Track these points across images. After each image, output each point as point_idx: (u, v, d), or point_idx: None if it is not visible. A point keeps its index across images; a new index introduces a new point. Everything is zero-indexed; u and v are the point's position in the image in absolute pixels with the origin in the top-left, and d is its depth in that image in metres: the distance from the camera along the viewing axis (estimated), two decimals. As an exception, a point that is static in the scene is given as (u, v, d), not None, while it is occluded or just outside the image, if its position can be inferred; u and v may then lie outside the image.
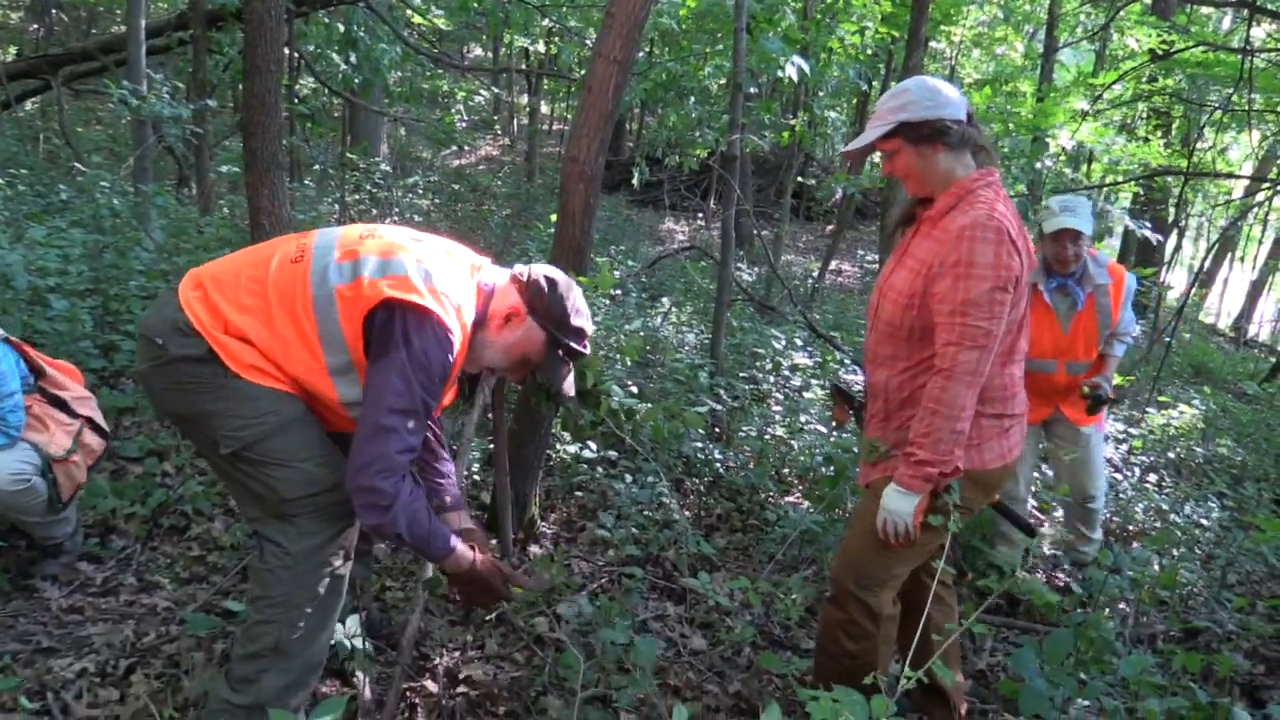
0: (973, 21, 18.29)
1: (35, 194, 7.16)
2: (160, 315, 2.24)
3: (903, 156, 2.50)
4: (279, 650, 2.26)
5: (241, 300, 2.22)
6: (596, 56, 3.64)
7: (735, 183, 5.38)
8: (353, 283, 2.18)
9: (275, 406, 2.22)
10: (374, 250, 2.24)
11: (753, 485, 4.71)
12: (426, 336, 2.15)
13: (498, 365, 2.47)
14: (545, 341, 2.42)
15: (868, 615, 2.59)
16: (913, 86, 2.48)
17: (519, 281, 2.43)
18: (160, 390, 2.26)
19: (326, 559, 2.29)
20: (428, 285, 2.19)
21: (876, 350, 2.62)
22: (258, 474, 2.23)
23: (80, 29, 17.44)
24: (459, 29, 15.26)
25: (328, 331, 2.20)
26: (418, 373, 2.14)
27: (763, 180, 17.53)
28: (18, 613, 2.98)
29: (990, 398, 2.47)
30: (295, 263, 2.25)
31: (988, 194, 2.43)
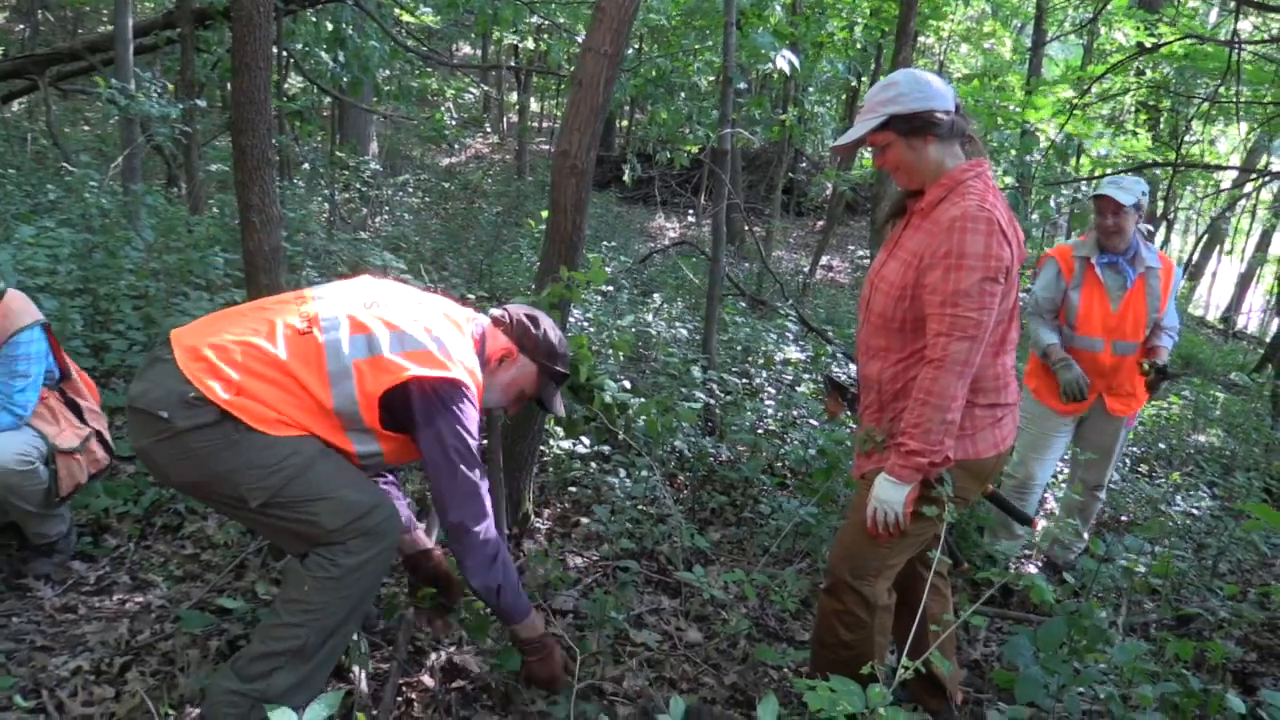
0: (961, 16, 18.34)
1: (23, 194, 7.12)
2: (161, 388, 2.22)
3: (894, 149, 2.50)
4: (300, 653, 2.28)
5: (253, 369, 2.26)
6: (586, 50, 3.64)
7: (726, 177, 5.39)
8: (370, 358, 2.30)
9: (294, 448, 2.26)
10: (383, 325, 2.34)
11: (746, 479, 4.72)
12: (460, 402, 2.34)
13: (497, 404, 2.69)
14: (538, 373, 2.66)
15: (863, 605, 2.59)
16: (901, 79, 2.48)
17: (502, 324, 2.64)
18: (167, 463, 2.27)
19: (371, 574, 2.34)
20: (446, 355, 2.35)
21: (869, 342, 2.63)
22: (295, 514, 2.27)
23: (66, 29, 17.36)
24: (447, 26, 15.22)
25: (342, 403, 2.30)
26: (464, 432, 2.34)
27: (753, 176, 17.56)
28: (11, 612, 2.97)
29: (983, 388, 2.48)
30: (304, 335, 2.31)
31: (978, 185, 2.44)
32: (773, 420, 5.41)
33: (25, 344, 3.06)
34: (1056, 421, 4.16)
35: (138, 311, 4.89)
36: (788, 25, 7.05)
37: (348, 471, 2.35)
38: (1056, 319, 4.12)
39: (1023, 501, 4.23)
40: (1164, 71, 10.56)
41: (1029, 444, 4.23)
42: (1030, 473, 4.21)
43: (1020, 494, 4.22)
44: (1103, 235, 3.98)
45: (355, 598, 2.33)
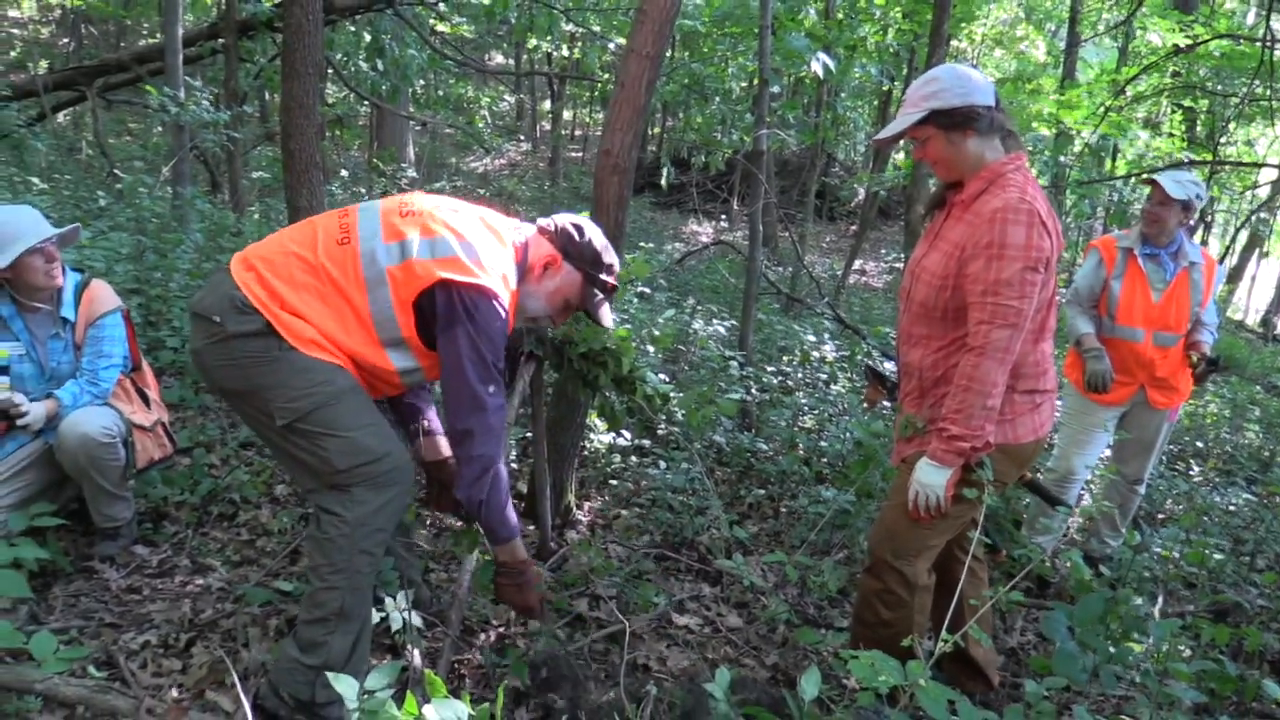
0: (994, 20, 18.30)
1: (76, 200, 7.33)
2: (215, 294, 2.36)
3: (934, 143, 2.57)
4: (343, 613, 2.39)
5: (296, 279, 2.35)
6: (629, 52, 3.73)
7: (763, 178, 5.46)
8: (403, 264, 2.33)
9: (328, 377, 2.34)
10: (417, 229, 2.37)
11: (783, 473, 4.79)
12: (484, 310, 2.33)
13: (541, 313, 2.65)
14: (583, 282, 2.63)
15: (903, 584, 2.66)
16: (943, 74, 2.55)
17: (548, 232, 2.61)
18: (215, 366, 2.38)
19: (382, 525, 2.41)
20: (476, 262, 2.35)
21: (910, 331, 2.69)
22: (311, 446, 2.35)
23: (109, 42, 17.74)
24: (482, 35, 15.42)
25: (379, 310, 2.35)
26: (484, 343, 2.33)
27: (786, 181, 17.60)
28: (80, 592, 3.11)
29: (1023, 374, 2.54)
30: (342, 244, 2.38)
31: (1018, 177, 2.50)
32: (809, 417, 5.47)
33: (110, 327, 3.33)
34: (1099, 415, 4.19)
35: (189, 311, 5.03)
36: (821, 29, 7.11)
37: (370, 414, 2.41)
38: (1096, 309, 4.16)
39: (1063, 495, 4.26)
40: (1200, 73, 10.50)
41: (1070, 438, 4.27)
42: (1071, 467, 4.24)
43: (1061, 487, 4.25)
44: (1146, 223, 4.03)
45: (373, 548, 2.41)
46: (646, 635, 3.19)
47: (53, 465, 3.28)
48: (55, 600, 3.04)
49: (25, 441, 3.25)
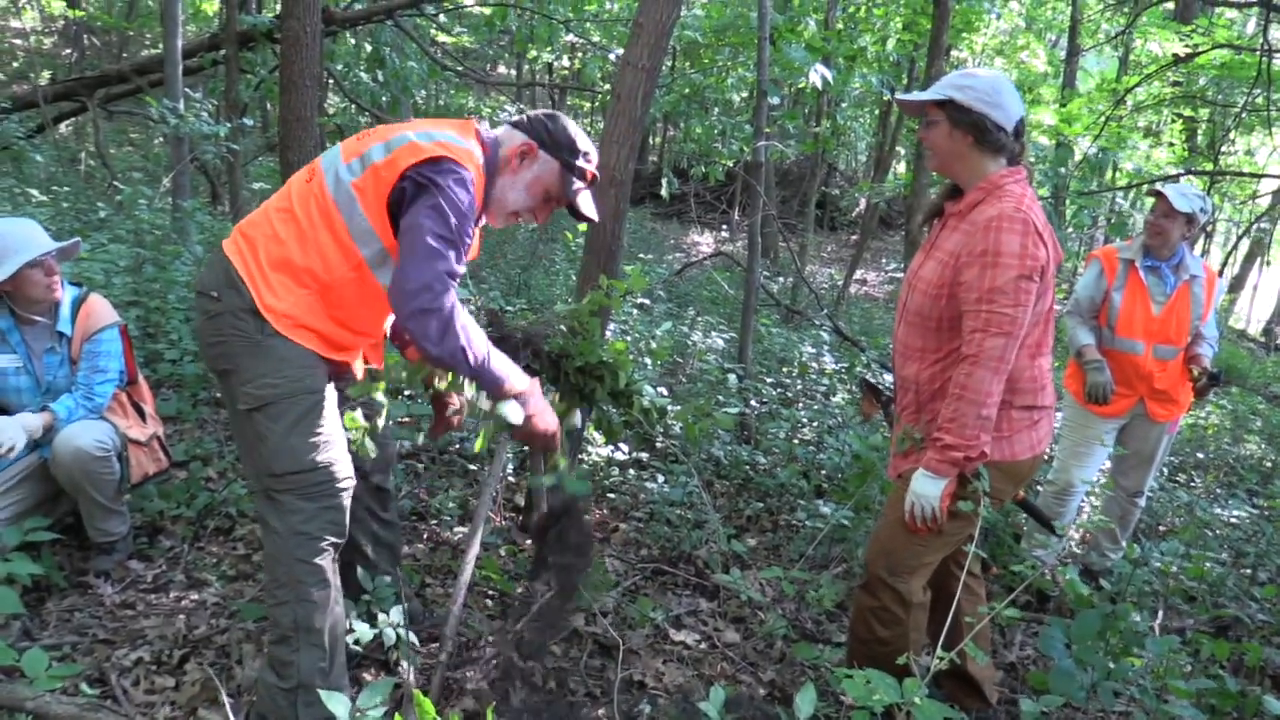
0: (995, 30, 18.32)
1: (75, 213, 7.34)
2: (213, 271, 2.39)
3: (938, 130, 2.57)
4: (301, 626, 2.38)
5: (276, 230, 2.36)
6: (625, 65, 3.74)
7: (762, 189, 5.46)
8: (365, 172, 2.33)
9: (301, 374, 2.35)
10: (375, 141, 2.37)
11: (782, 486, 4.77)
12: (447, 178, 2.27)
13: (522, 206, 2.57)
14: (560, 170, 2.54)
15: (899, 602, 2.64)
16: (984, 76, 2.53)
17: (521, 124, 2.57)
18: (208, 344, 2.39)
19: (315, 533, 2.39)
20: (435, 143, 2.32)
21: (907, 343, 2.68)
22: (258, 439, 2.35)
23: (111, 53, 17.77)
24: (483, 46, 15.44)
25: (356, 226, 2.34)
26: (449, 207, 2.26)
27: (786, 191, 17.62)
28: (74, 607, 3.09)
29: (1021, 389, 2.53)
30: (310, 181, 2.40)
31: (1015, 189, 2.50)
32: (809, 429, 5.46)
33: (106, 342, 3.33)
34: (1099, 428, 4.18)
35: (188, 324, 5.03)
36: (820, 40, 7.12)
37: (324, 426, 2.39)
38: (1097, 320, 4.15)
39: (1062, 508, 4.25)
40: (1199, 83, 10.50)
41: (1070, 450, 4.25)
42: (1070, 479, 4.22)
43: (1060, 500, 4.24)
44: (1149, 235, 4.02)
45: (312, 558, 2.38)
46: (642, 651, 3.18)
47: (48, 479, 3.27)
48: (49, 615, 3.02)
49: (22, 455, 3.24)
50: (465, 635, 3.11)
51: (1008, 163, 2.57)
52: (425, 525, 4.01)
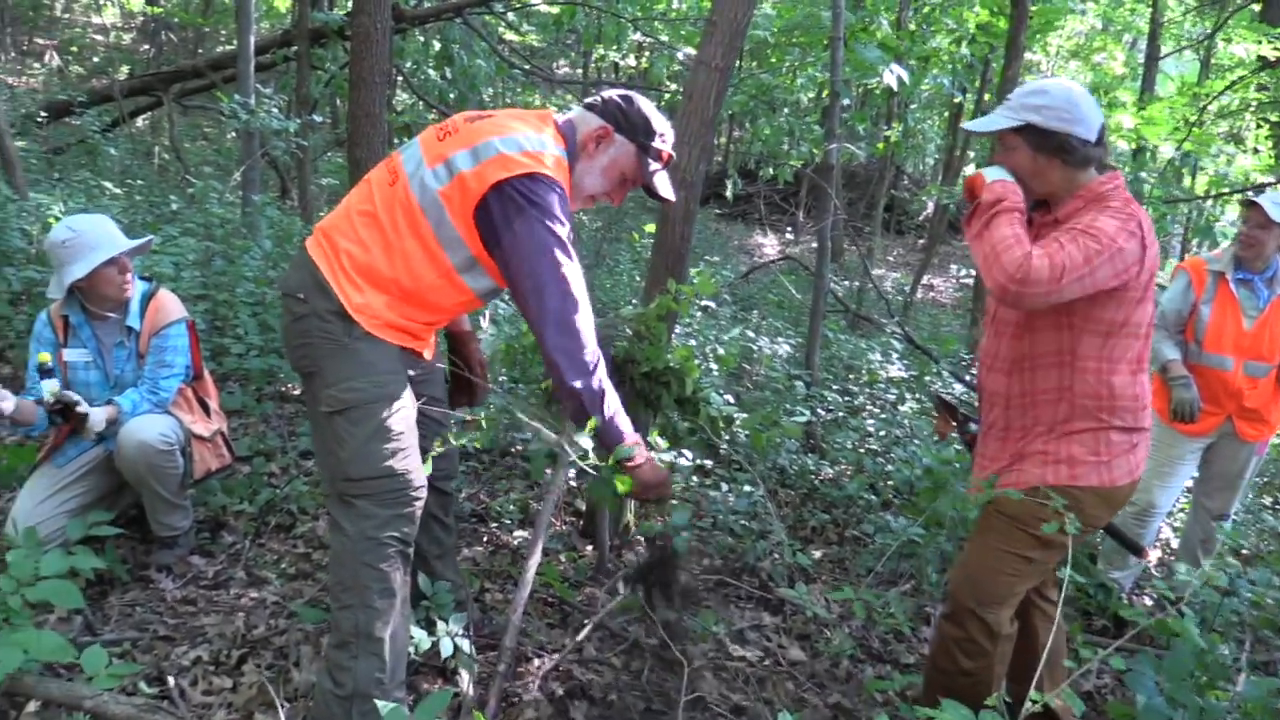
0: (1070, 31, 17.89)
1: (149, 205, 7.45)
2: (299, 274, 2.36)
3: (1019, 154, 2.43)
4: (361, 633, 2.33)
5: (359, 235, 2.32)
6: (698, 64, 3.65)
7: (833, 192, 5.33)
8: (452, 181, 2.27)
9: (385, 380, 2.32)
10: (459, 146, 2.30)
11: (849, 497, 4.65)
12: (541, 192, 2.24)
13: (599, 189, 2.53)
14: (637, 153, 2.50)
15: (986, 634, 2.52)
16: (1055, 90, 2.38)
17: (595, 107, 2.51)
18: (294, 346, 2.37)
19: (386, 540, 2.35)
20: (522, 153, 2.26)
21: (995, 355, 2.55)
22: (337, 443, 2.31)
23: (188, 48, 18.11)
24: (549, 45, 15.45)
25: (444, 234, 2.29)
26: (552, 223, 2.24)
27: (853, 194, 17.37)
28: (135, 601, 3.09)
29: (1121, 408, 2.39)
30: (393, 184, 2.35)
31: (1118, 195, 2.36)
32: (876, 439, 5.32)
33: (173, 337, 3.33)
34: (1184, 446, 3.99)
35: (255, 318, 5.05)
36: (894, 40, 6.95)
37: (404, 433, 2.36)
38: (1183, 334, 3.96)
39: (1142, 529, 4.07)
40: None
41: (1153, 469, 4.06)
42: (1152, 500, 4.04)
43: (1140, 521, 4.06)
44: (1242, 246, 3.82)
45: (378, 565, 2.34)
46: (704, 667, 3.08)
47: (112, 472, 3.28)
48: (111, 610, 3.03)
49: (86, 448, 3.26)
50: (525, 645, 3.05)
51: (1097, 170, 2.43)
52: (485, 528, 3.97)
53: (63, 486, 3.20)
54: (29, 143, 9.35)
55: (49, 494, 3.17)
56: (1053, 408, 2.44)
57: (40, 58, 16.94)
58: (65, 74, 16.10)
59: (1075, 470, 2.41)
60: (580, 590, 3.52)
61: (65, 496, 3.19)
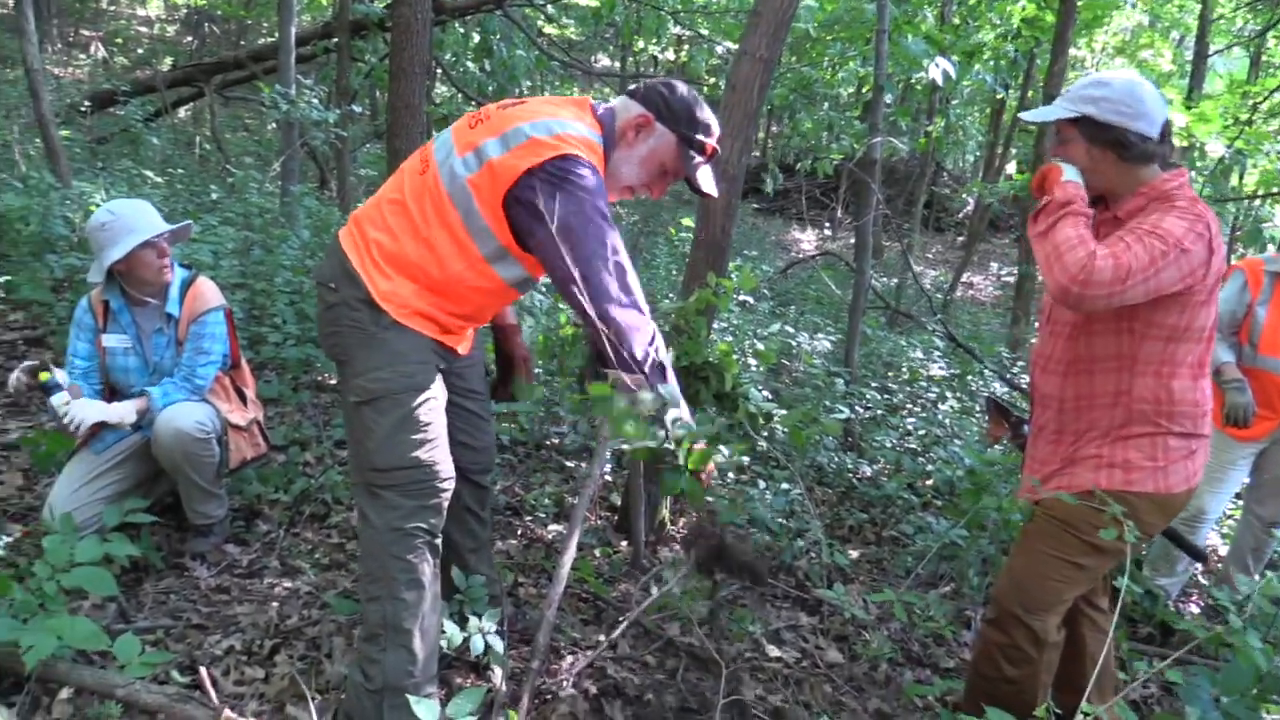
0: (1116, 28, 17.60)
1: (190, 194, 7.49)
2: (330, 262, 2.34)
3: (1074, 147, 2.35)
4: (390, 625, 2.30)
5: (390, 224, 2.28)
6: (741, 55, 3.59)
7: (875, 187, 5.25)
8: (481, 169, 2.20)
9: (410, 370, 2.27)
10: (489, 134, 2.23)
11: (887, 497, 4.57)
12: (575, 169, 2.15)
13: (638, 181, 2.43)
14: (678, 144, 2.38)
15: (1032, 641, 2.44)
16: (1117, 83, 2.30)
17: (637, 94, 2.41)
18: (326, 334, 2.35)
19: (412, 531, 2.32)
20: (554, 136, 2.18)
21: (1050, 356, 2.47)
22: (364, 433, 2.29)
23: (230, 40, 18.28)
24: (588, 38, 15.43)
25: (472, 223, 2.23)
26: (587, 201, 2.14)
27: (892, 190, 17.19)
28: (169, 589, 3.08)
29: (1180, 414, 2.31)
30: (423, 173, 2.30)
31: (1184, 193, 2.27)
32: (915, 438, 5.23)
33: (212, 324, 3.32)
34: (1235, 451, 3.88)
35: (292, 307, 5.05)
36: (939, 34, 6.84)
37: (433, 424, 2.32)
38: (1237, 337, 3.85)
39: (1191, 535, 3.96)
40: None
41: (1205, 475, 3.95)
42: (1202, 506, 3.93)
43: (1190, 527, 3.95)
44: None
45: (406, 556, 2.31)
46: (741, 668, 3.03)
47: (149, 460, 3.28)
48: (145, 597, 3.02)
49: (124, 435, 3.26)
50: (559, 641, 3.01)
51: (1161, 167, 2.34)
52: (519, 521, 3.94)
53: (100, 473, 3.20)
54: (73, 132, 9.45)
55: (86, 480, 3.17)
56: (1109, 412, 2.36)
57: (86, 49, 17.16)
58: (110, 65, 16.29)
59: (1131, 475, 2.33)
60: (615, 586, 3.48)
61: (102, 483, 3.19)
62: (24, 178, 6.42)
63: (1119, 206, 2.34)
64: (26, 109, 9.11)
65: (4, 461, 3.73)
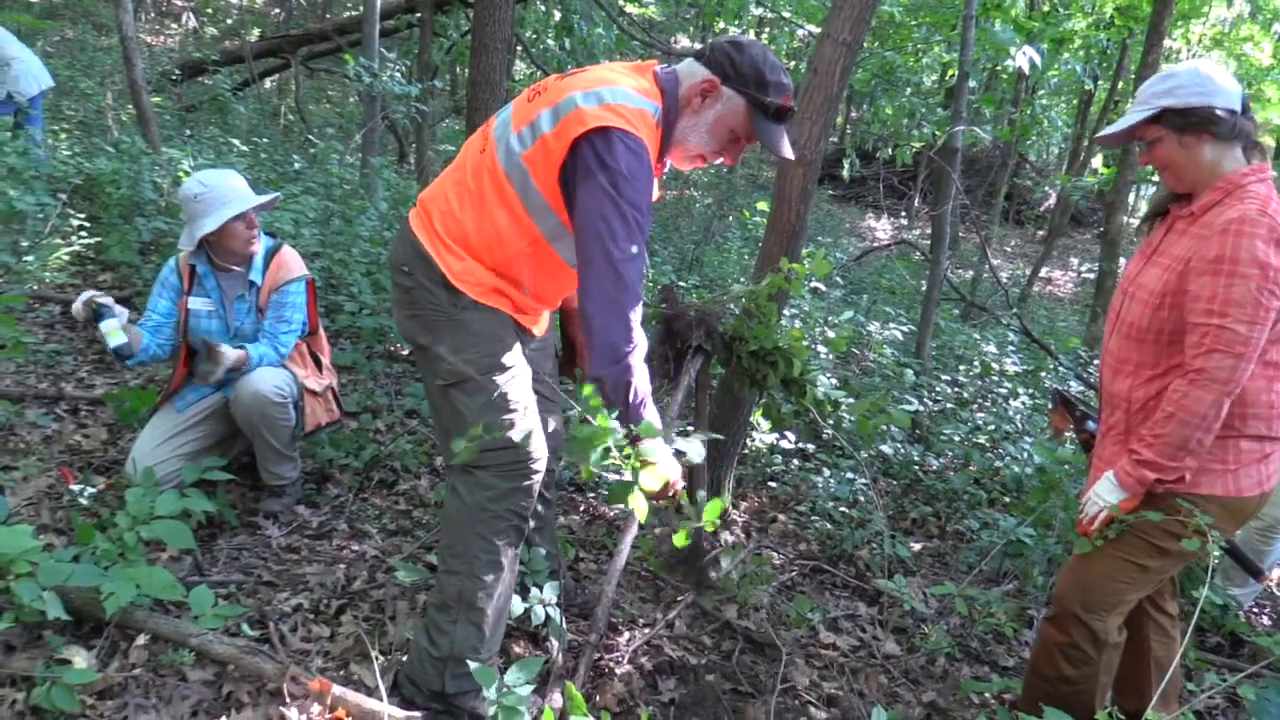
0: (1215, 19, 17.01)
1: (272, 163, 7.66)
2: (402, 245, 2.35)
3: (1164, 145, 2.30)
4: (464, 600, 2.33)
5: (451, 205, 2.27)
6: (825, 38, 3.55)
7: (955, 176, 5.16)
8: (535, 144, 2.16)
9: (498, 348, 2.28)
10: (544, 106, 2.18)
11: (953, 491, 4.52)
12: (617, 152, 2.07)
13: (708, 148, 2.35)
14: (747, 108, 2.28)
15: (1091, 641, 2.41)
16: (1182, 71, 2.27)
17: (704, 56, 2.31)
18: (405, 318, 2.36)
19: (501, 513, 2.33)
20: (601, 106, 2.11)
21: (1120, 356, 2.42)
22: (455, 415, 2.30)
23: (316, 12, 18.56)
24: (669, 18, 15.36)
25: (530, 200, 2.20)
26: (622, 189, 2.07)
27: (972, 180, 16.87)
28: (242, 546, 3.18)
29: (1253, 415, 2.25)
30: (483, 150, 2.28)
31: (1260, 189, 2.21)
32: (984, 433, 5.16)
33: (294, 294, 3.41)
34: None
35: (368, 277, 5.14)
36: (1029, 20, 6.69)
37: (522, 399, 2.33)
38: None
39: (1267, 546, 3.84)
40: None
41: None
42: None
43: (1266, 538, 3.83)
44: None
45: (492, 537, 2.32)
46: (796, 655, 3.03)
47: (227, 419, 3.38)
48: (219, 552, 3.12)
49: (205, 393, 3.37)
50: (616, 617, 3.04)
51: (1245, 153, 2.28)
52: (582, 497, 3.97)
53: (180, 430, 3.31)
54: (164, 99, 9.71)
55: (167, 437, 3.28)
56: None
57: (178, 19, 17.57)
58: (200, 34, 16.67)
59: (1198, 477, 2.28)
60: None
61: (182, 440, 3.30)
62: (116, 143, 6.63)
63: (1197, 202, 2.29)
64: (120, 75, 9.37)
65: (90, 416, 3.87)
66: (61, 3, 15.34)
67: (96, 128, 8.30)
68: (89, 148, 6.83)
